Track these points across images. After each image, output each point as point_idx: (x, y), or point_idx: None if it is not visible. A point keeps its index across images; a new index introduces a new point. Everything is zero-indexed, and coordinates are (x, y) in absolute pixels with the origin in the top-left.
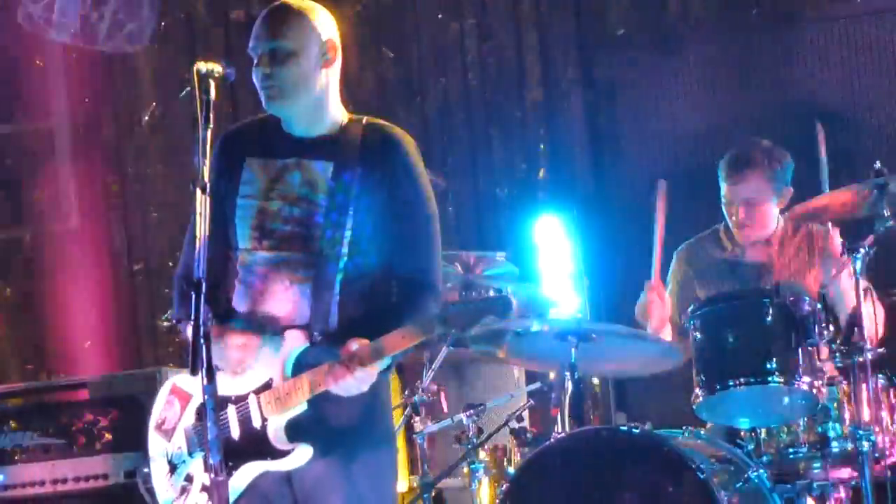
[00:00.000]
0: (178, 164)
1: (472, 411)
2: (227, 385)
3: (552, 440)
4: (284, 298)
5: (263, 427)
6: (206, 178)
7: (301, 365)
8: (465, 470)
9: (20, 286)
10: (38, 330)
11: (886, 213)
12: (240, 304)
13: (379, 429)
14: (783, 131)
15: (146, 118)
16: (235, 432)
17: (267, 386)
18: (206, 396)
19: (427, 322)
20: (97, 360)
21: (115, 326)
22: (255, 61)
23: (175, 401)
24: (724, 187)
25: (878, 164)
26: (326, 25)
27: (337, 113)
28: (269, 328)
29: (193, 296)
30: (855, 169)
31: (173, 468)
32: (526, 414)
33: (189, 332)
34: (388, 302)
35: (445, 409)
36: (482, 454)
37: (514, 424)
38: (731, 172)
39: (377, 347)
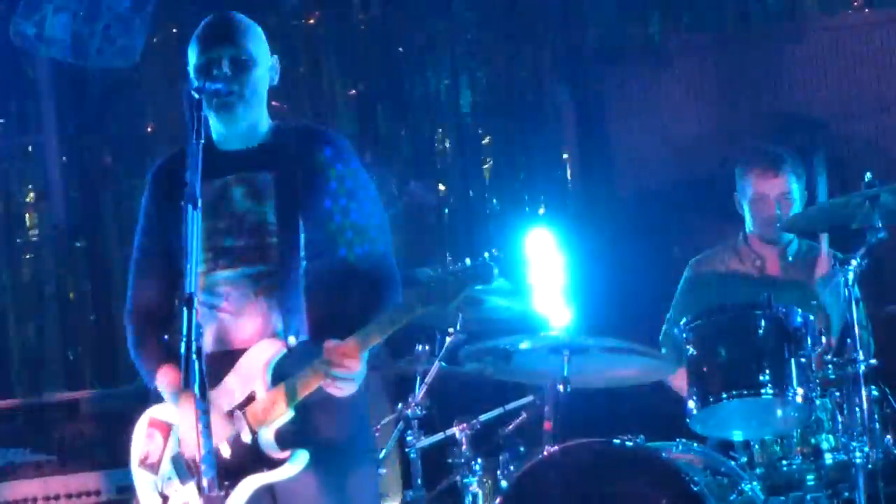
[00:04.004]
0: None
1: (464, 425)
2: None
3: (545, 454)
4: (254, 312)
5: (254, 440)
6: (198, 194)
7: (279, 373)
8: (459, 485)
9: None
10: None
11: (878, 224)
12: (206, 328)
13: (361, 439)
14: (774, 142)
15: (137, 135)
16: (226, 451)
17: (251, 399)
18: (199, 412)
19: (406, 304)
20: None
21: (109, 342)
22: (204, 64)
23: (155, 433)
24: (756, 184)
25: (868, 176)
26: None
27: (266, 125)
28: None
29: (185, 311)
30: (846, 180)
31: (165, 499)
32: (519, 427)
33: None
34: (354, 297)
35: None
36: (475, 468)
37: (508, 437)
38: (768, 168)
39: (362, 338)
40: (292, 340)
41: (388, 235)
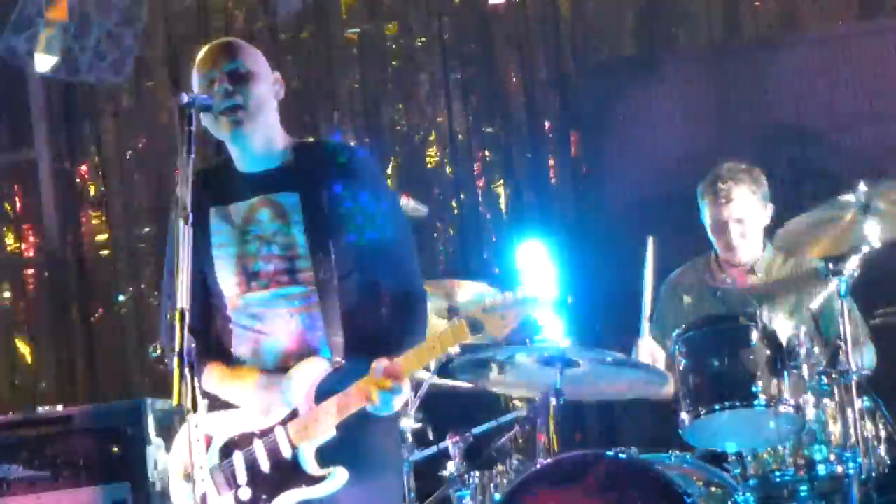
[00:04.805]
0: (162, 194)
1: (457, 438)
2: (249, 420)
3: (538, 466)
4: (288, 331)
5: (294, 456)
6: (189, 209)
7: (324, 390)
8: (452, 497)
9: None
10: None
11: (871, 233)
12: (242, 346)
13: (394, 453)
14: (764, 154)
15: (129, 150)
16: (265, 465)
17: (293, 415)
18: (190, 426)
19: (458, 329)
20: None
21: (101, 356)
22: (207, 87)
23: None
24: (711, 211)
25: (861, 185)
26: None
27: (285, 143)
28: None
29: (177, 325)
30: (837, 190)
31: None
32: (512, 440)
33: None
34: (387, 315)
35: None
36: (468, 480)
37: (501, 450)
38: (718, 193)
39: (410, 359)
40: (338, 360)
41: (412, 250)
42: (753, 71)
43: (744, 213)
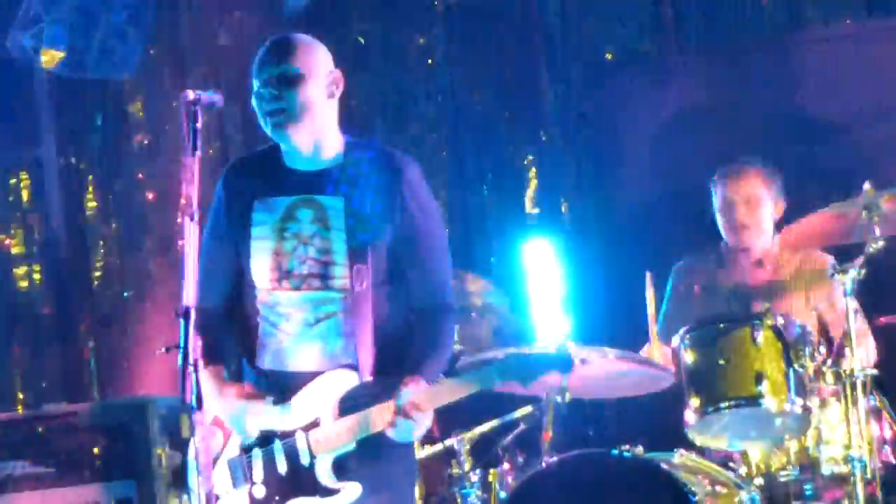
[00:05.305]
0: (167, 192)
1: (463, 436)
2: (273, 420)
3: (543, 465)
4: (313, 337)
5: (311, 464)
6: (195, 206)
7: (349, 403)
8: (457, 496)
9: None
10: (32, 358)
11: (877, 233)
12: (268, 343)
13: (408, 473)
14: (774, 154)
15: (135, 147)
16: (283, 467)
17: (316, 424)
18: (194, 425)
19: (486, 375)
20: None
21: (106, 353)
22: (259, 87)
23: (218, 432)
24: (721, 191)
25: (867, 185)
26: (330, 59)
27: (337, 144)
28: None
29: (182, 323)
30: (847, 189)
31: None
32: (517, 438)
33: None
34: (415, 328)
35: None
36: (473, 479)
37: (506, 448)
38: (731, 171)
39: (434, 394)
40: (367, 376)
41: (448, 264)
42: (762, 69)
43: (752, 193)
